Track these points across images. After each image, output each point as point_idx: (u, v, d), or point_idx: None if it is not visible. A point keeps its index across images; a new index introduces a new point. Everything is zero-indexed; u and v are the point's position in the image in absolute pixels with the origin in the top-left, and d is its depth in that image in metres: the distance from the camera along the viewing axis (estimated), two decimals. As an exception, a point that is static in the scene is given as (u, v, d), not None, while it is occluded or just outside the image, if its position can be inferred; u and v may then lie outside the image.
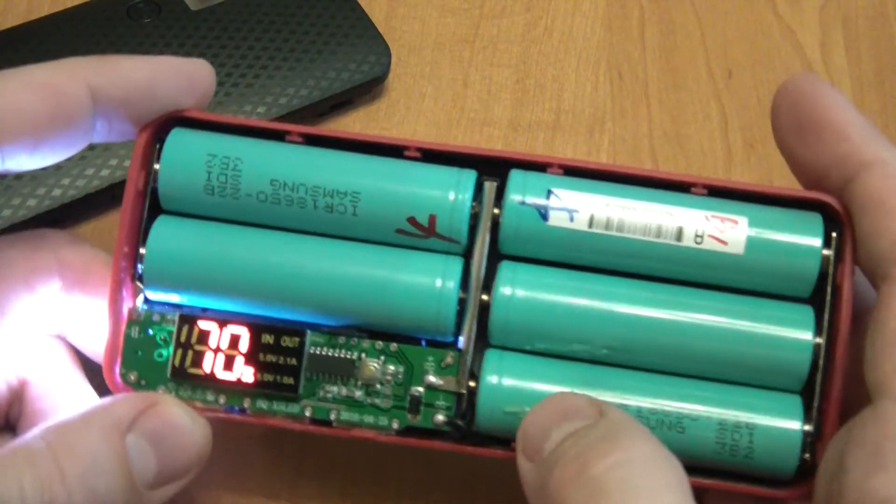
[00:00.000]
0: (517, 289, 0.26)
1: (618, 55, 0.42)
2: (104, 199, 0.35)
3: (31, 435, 0.24)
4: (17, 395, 0.28)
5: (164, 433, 0.25)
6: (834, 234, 0.25)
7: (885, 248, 0.24)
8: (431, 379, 0.26)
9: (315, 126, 0.36)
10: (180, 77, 0.26)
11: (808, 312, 0.26)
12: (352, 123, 0.39)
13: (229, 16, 0.39)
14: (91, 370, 0.29)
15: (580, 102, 0.41)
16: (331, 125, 0.39)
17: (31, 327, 0.28)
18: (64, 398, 0.27)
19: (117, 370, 0.26)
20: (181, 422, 0.25)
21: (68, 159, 0.35)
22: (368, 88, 0.39)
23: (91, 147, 0.27)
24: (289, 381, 0.26)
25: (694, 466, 0.25)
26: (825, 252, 0.25)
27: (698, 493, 0.27)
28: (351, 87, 0.38)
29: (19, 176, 0.34)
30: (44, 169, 0.34)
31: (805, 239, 0.25)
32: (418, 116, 0.40)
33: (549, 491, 0.22)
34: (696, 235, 0.25)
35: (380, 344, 0.26)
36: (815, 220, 0.26)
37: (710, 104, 0.41)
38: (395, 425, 0.26)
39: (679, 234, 0.25)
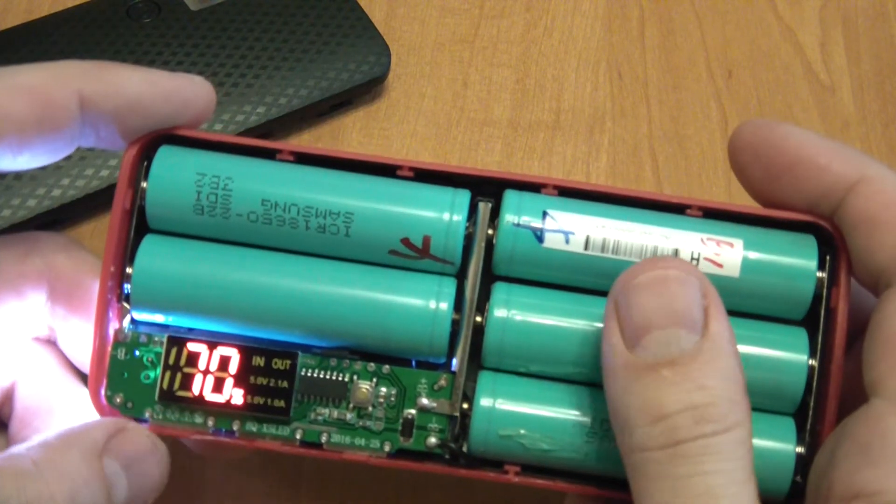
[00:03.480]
0: (512, 310, 0.25)
1: (618, 55, 0.42)
2: (104, 199, 0.35)
3: (17, 451, 0.24)
4: (8, 396, 0.28)
5: (134, 458, 0.25)
6: (828, 257, 0.26)
7: (883, 261, 0.24)
8: (424, 401, 0.26)
9: (306, 144, 0.36)
10: (175, 97, 0.26)
11: (801, 335, 0.26)
12: (351, 123, 0.39)
13: (229, 16, 0.39)
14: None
15: (580, 102, 0.41)
16: (331, 125, 0.39)
17: (19, 332, 0.27)
18: (54, 399, 0.27)
19: (103, 392, 0.26)
20: (147, 448, 0.25)
21: (68, 159, 0.35)
22: (368, 88, 0.39)
23: (90, 148, 0.26)
24: (280, 404, 0.26)
25: None
26: (819, 274, 0.25)
27: None
28: (351, 87, 0.38)
29: (19, 176, 0.34)
30: (43, 169, 0.34)
31: (800, 261, 0.25)
32: (418, 116, 0.40)
33: (627, 400, 0.23)
34: (692, 258, 0.25)
35: (372, 366, 0.26)
36: (810, 242, 0.26)
37: (710, 104, 0.41)
38: (387, 448, 0.26)
39: (675, 253, 0.25)
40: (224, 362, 0.26)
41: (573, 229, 0.25)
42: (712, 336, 0.23)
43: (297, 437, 0.26)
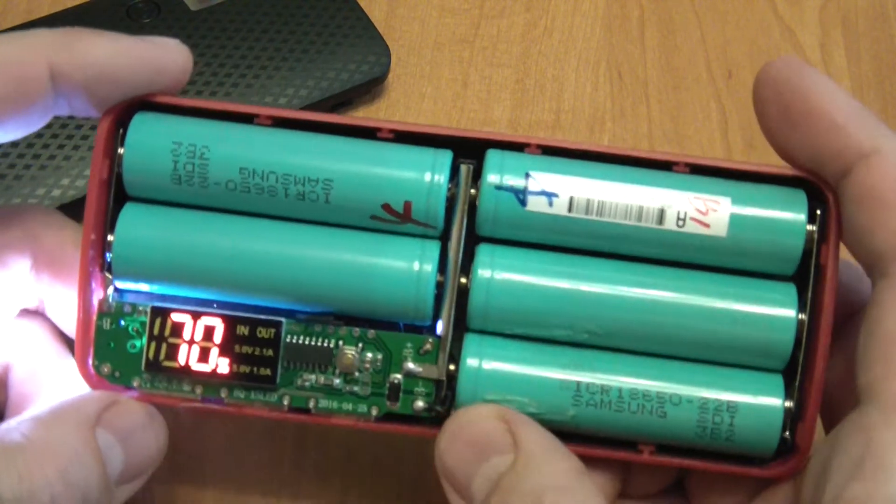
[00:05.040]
0: (496, 272, 0.25)
1: (618, 55, 0.42)
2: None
3: (7, 426, 0.24)
4: (2, 381, 0.27)
5: (129, 429, 0.25)
6: (818, 212, 0.25)
7: (881, 244, 0.23)
8: (410, 366, 0.26)
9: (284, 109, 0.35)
10: (148, 65, 0.25)
11: (791, 290, 0.25)
12: (352, 123, 0.39)
13: (229, 16, 0.39)
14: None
15: (580, 102, 0.41)
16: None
17: (7, 303, 0.27)
18: (48, 381, 0.27)
19: (90, 362, 0.26)
20: (142, 419, 0.25)
21: (67, 159, 0.35)
22: (368, 88, 0.39)
23: (90, 148, 0.26)
24: (266, 372, 0.26)
25: (674, 447, 0.26)
26: (809, 228, 0.25)
27: (681, 474, 0.28)
28: (351, 87, 0.38)
29: (19, 176, 0.34)
30: (43, 169, 0.34)
31: (789, 215, 0.25)
32: (418, 116, 0.40)
33: None
34: (678, 219, 0.25)
35: (357, 331, 0.26)
36: (799, 196, 0.25)
37: (710, 104, 0.41)
38: (375, 412, 0.26)
39: (661, 218, 0.25)
40: (209, 332, 0.26)
41: (556, 191, 0.25)
42: (522, 446, 0.24)
43: (285, 403, 0.26)
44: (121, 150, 0.26)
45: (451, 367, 0.26)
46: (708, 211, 0.25)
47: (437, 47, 0.42)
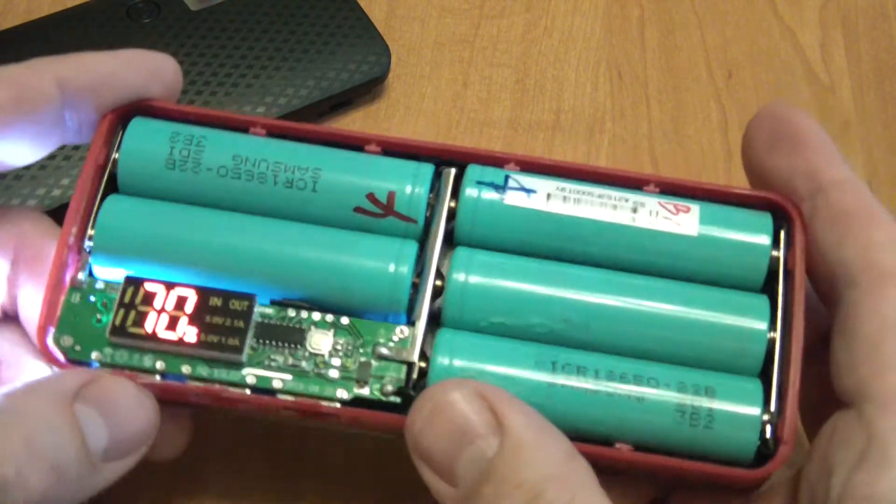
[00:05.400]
0: (471, 274, 0.26)
1: (618, 55, 0.42)
2: (104, 199, 0.35)
3: None
4: None
5: (113, 402, 0.24)
6: (782, 232, 0.26)
7: (851, 255, 0.25)
8: (382, 350, 0.26)
9: (278, 119, 0.36)
10: (143, 69, 0.27)
11: (762, 301, 0.26)
12: (351, 123, 0.39)
13: (229, 16, 0.39)
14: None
15: (580, 102, 0.41)
16: (331, 125, 0.39)
17: None
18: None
19: (51, 332, 0.26)
20: (128, 393, 0.24)
21: (67, 159, 0.35)
22: (368, 88, 0.39)
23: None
24: (234, 342, 0.25)
25: (651, 448, 0.25)
26: (774, 253, 0.26)
27: (661, 494, 0.27)
28: (351, 87, 0.38)
29: (19, 176, 0.34)
30: (42, 168, 0.34)
31: (754, 232, 0.26)
32: (418, 116, 0.40)
33: None
34: (651, 215, 0.26)
35: (330, 317, 0.26)
36: (765, 217, 0.27)
37: (710, 104, 0.41)
38: (343, 395, 0.25)
39: (634, 211, 0.26)
40: (181, 302, 0.25)
41: (535, 188, 0.26)
42: (509, 430, 0.23)
43: (250, 382, 0.25)
44: (116, 154, 0.27)
45: (423, 364, 0.26)
46: (679, 212, 0.26)
47: (438, 47, 0.42)
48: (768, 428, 0.25)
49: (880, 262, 0.24)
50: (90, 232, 0.26)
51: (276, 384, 0.25)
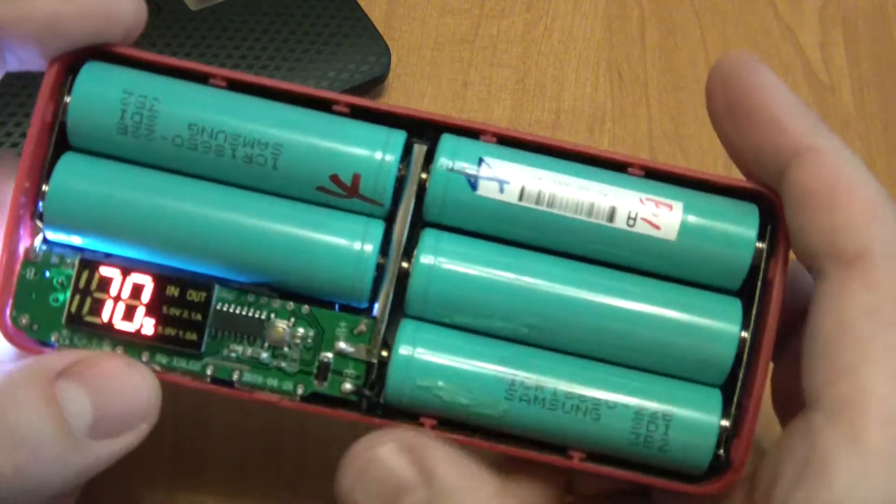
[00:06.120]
0: (439, 258, 0.25)
1: (618, 55, 0.42)
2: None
3: None
4: None
5: (99, 378, 0.23)
6: (769, 228, 0.25)
7: (816, 244, 0.23)
8: (342, 346, 0.25)
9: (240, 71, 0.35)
10: (96, 14, 0.24)
11: (736, 305, 0.25)
12: (352, 123, 0.39)
13: (229, 16, 0.39)
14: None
15: (580, 102, 0.41)
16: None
17: None
18: None
19: (8, 312, 0.25)
20: (117, 368, 0.24)
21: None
22: (368, 88, 0.39)
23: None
24: (192, 337, 0.25)
25: (605, 456, 0.25)
26: (759, 245, 0.25)
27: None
28: (351, 87, 0.38)
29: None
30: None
31: (739, 229, 0.25)
32: (418, 116, 0.40)
33: None
34: (629, 218, 0.25)
35: (291, 305, 0.25)
36: (752, 210, 0.25)
37: (710, 104, 0.41)
38: (300, 391, 0.25)
39: (611, 215, 0.25)
40: (137, 290, 0.25)
41: (508, 178, 0.25)
42: (437, 480, 0.23)
43: (208, 373, 0.25)
44: (67, 99, 0.25)
45: (385, 353, 0.25)
46: (660, 213, 0.25)
47: (438, 47, 0.42)
48: (721, 451, 0.25)
49: (845, 248, 0.22)
50: (44, 188, 0.25)
51: (235, 376, 0.25)
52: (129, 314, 0.25)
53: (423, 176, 0.25)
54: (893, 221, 0.22)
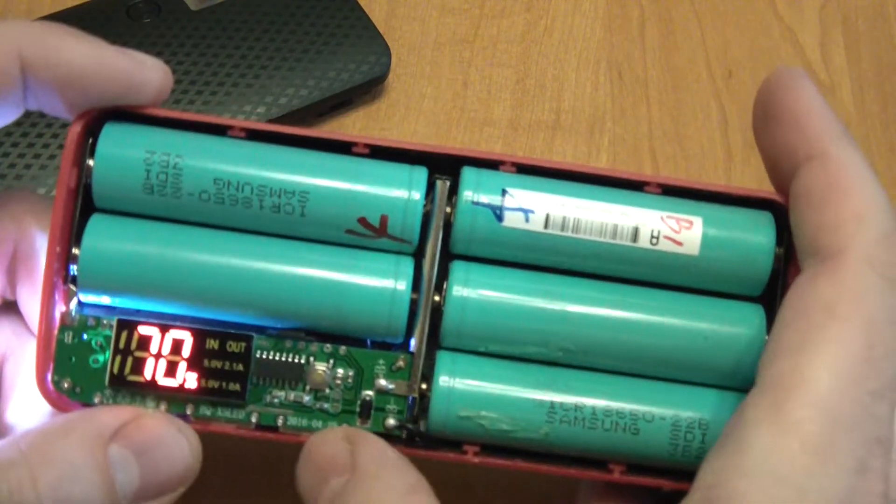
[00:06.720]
0: (470, 289, 0.25)
1: (618, 55, 0.42)
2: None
3: (7, 441, 0.23)
4: None
5: (149, 444, 0.24)
6: (785, 234, 0.25)
7: (803, 240, 0.23)
8: (382, 383, 0.25)
9: (259, 122, 0.35)
10: (122, 79, 0.24)
11: (759, 311, 0.26)
12: (352, 123, 0.39)
13: (229, 16, 0.39)
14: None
15: (580, 102, 0.41)
16: (331, 125, 0.39)
17: None
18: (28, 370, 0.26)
19: (49, 377, 0.25)
20: (167, 433, 0.24)
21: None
22: (368, 88, 0.39)
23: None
24: (235, 387, 0.25)
25: (646, 467, 0.25)
26: (777, 250, 0.25)
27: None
28: (351, 87, 0.38)
29: (20, 176, 0.34)
30: (44, 168, 0.34)
31: (758, 238, 0.25)
32: (418, 116, 0.40)
33: None
34: (652, 237, 0.25)
35: (329, 347, 0.25)
36: (767, 218, 0.26)
37: (710, 104, 0.41)
38: None
39: (635, 236, 0.25)
40: (177, 345, 0.25)
41: (533, 207, 0.25)
42: (357, 466, 0.23)
43: (253, 420, 0.25)
44: (90, 162, 0.25)
45: (424, 385, 0.25)
46: (681, 229, 0.25)
47: (438, 47, 0.42)
48: None
49: (824, 246, 0.23)
50: (75, 252, 0.25)
51: (279, 421, 0.26)
52: (171, 370, 0.25)
53: (448, 210, 0.25)
54: (880, 227, 0.23)
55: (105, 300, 0.25)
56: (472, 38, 0.42)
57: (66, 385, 0.25)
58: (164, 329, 0.25)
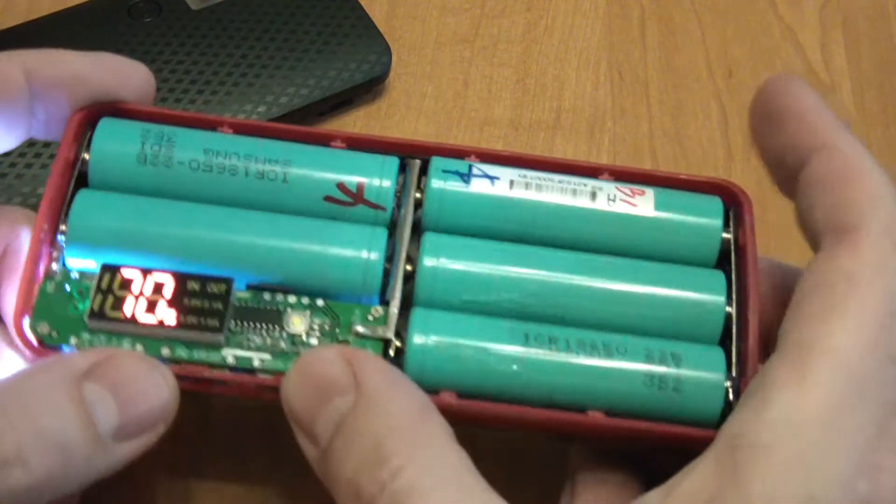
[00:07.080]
0: (440, 257, 0.27)
1: (618, 55, 0.42)
2: (105, 198, 0.35)
3: None
4: None
5: (124, 380, 0.24)
6: (732, 211, 0.28)
7: (819, 220, 0.24)
8: (359, 328, 0.26)
9: (248, 119, 0.36)
10: (113, 72, 0.27)
11: (719, 276, 0.27)
12: (352, 123, 0.39)
13: (229, 15, 0.39)
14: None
15: (580, 102, 0.41)
16: (331, 125, 0.39)
17: None
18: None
19: (26, 321, 0.25)
20: (141, 369, 0.24)
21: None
22: (369, 88, 0.39)
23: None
24: (213, 323, 0.25)
25: (622, 414, 0.26)
26: (725, 235, 0.28)
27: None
28: (351, 87, 0.39)
29: (20, 175, 0.34)
30: (45, 167, 0.34)
31: (706, 201, 0.28)
32: (419, 116, 0.40)
33: (341, 487, 0.23)
34: (609, 199, 0.28)
35: (306, 300, 0.27)
36: (715, 201, 0.28)
37: (710, 104, 0.41)
38: None
39: (593, 196, 0.28)
40: (158, 287, 0.26)
41: (498, 175, 0.28)
42: (363, 385, 0.23)
43: (230, 362, 0.26)
44: (86, 155, 0.27)
45: (399, 343, 0.26)
46: (635, 195, 0.28)
47: (438, 47, 0.42)
48: (731, 392, 0.26)
49: (841, 221, 0.24)
50: (62, 227, 0.26)
51: (256, 363, 0.26)
52: (151, 308, 0.26)
53: (419, 196, 0.28)
54: (892, 205, 0.24)
55: (91, 264, 0.26)
56: (473, 38, 0.42)
57: (42, 329, 0.26)
58: (146, 272, 0.26)
